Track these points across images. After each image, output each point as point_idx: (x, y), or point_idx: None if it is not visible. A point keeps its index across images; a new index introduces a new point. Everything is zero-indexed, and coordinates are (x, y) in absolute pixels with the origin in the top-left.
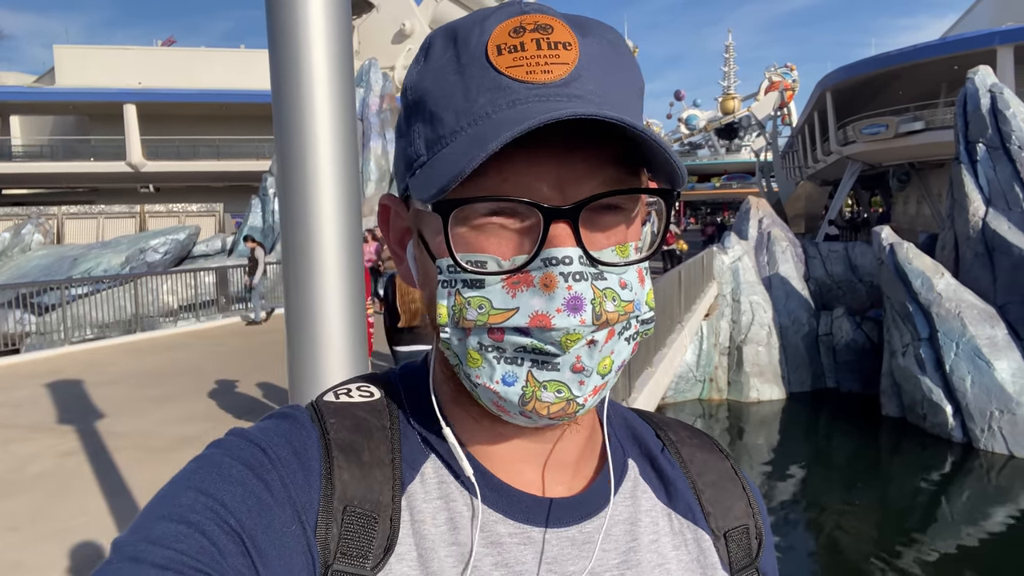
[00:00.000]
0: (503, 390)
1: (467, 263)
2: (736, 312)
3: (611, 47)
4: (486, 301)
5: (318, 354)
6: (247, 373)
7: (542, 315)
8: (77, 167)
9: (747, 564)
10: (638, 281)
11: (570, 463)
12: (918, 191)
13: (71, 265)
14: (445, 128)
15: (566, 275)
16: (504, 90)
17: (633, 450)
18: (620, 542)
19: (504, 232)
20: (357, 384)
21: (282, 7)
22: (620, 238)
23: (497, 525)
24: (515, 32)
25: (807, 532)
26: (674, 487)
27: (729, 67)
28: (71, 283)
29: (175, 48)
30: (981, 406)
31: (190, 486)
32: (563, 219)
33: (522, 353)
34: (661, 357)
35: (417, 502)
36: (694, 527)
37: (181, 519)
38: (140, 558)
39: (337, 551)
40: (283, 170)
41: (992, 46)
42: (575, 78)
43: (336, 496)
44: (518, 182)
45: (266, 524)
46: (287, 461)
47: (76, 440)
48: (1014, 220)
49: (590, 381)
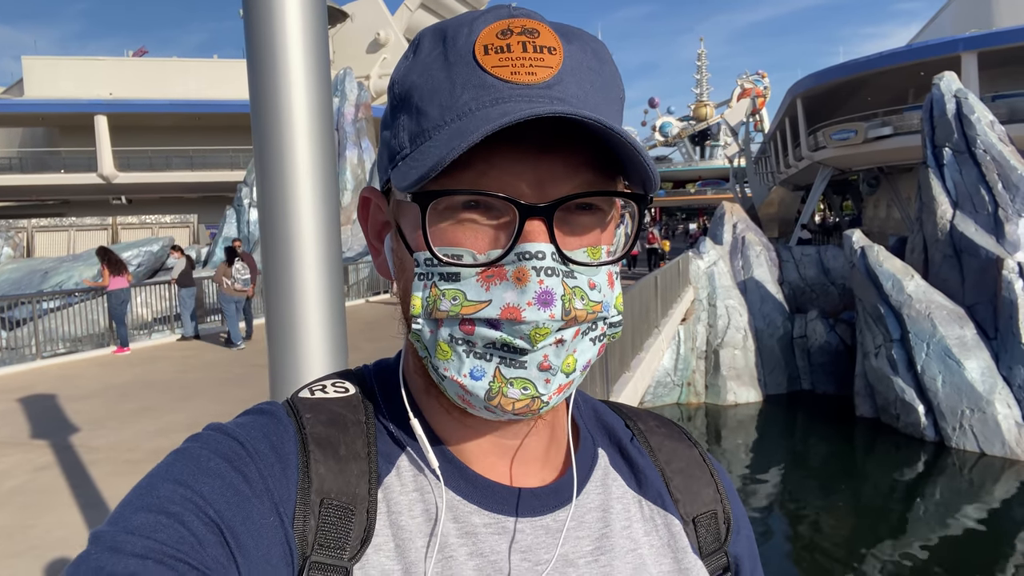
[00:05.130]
0: (470, 384)
1: (443, 256)
2: (712, 316)
3: (594, 56)
4: (460, 293)
5: (299, 360)
6: (223, 384)
7: (513, 307)
8: (47, 179)
9: (716, 548)
10: (607, 284)
11: (540, 454)
12: (887, 195)
13: (42, 279)
14: (429, 122)
15: (538, 270)
16: (488, 88)
17: (603, 440)
18: (593, 529)
19: (480, 227)
20: (332, 380)
21: (260, 19)
22: (593, 240)
23: (472, 516)
24: (502, 34)
25: (784, 532)
26: (644, 475)
27: (702, 75)
28: (42, 297)
29: (147, 59)
30: (952, 405)
31: (168, 478)
32: (538, 216)
33: (491, 349)
34: (639, 361)
35: (394, 494)
36: (664, 513)
37: (160, 510)
38: (119, 548)
39: (315, 542)
40: (262, 180)
41: (957, 52)
42: (558, 81)
43: (313, 489)
44: (497, 178)
45: (244, 515)
46: (264, 454)
47: (50, 454)
48: (981, 222)
49: (555, 379)
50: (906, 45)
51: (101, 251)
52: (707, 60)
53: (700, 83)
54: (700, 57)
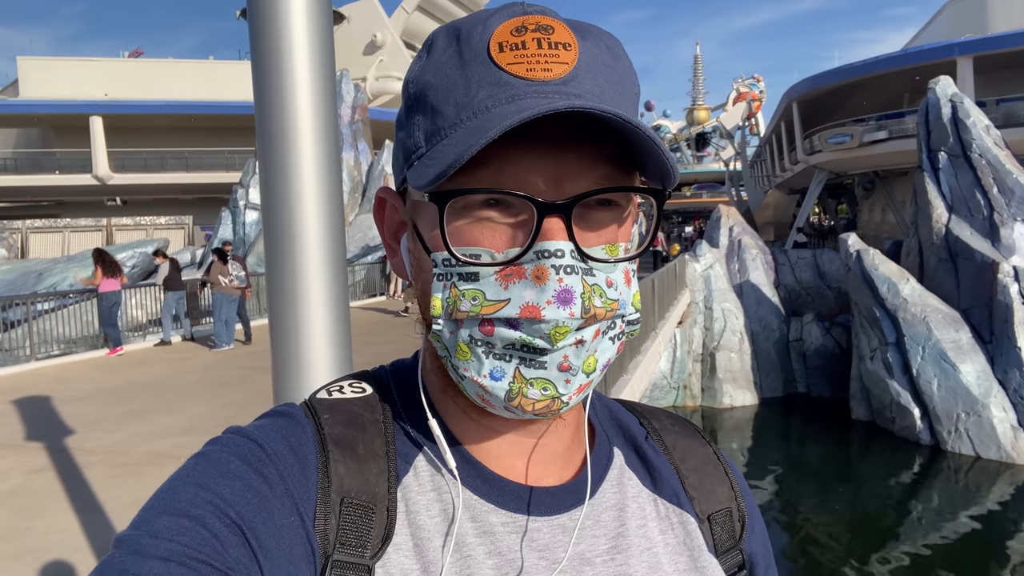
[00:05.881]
0: (490, 384)
1: (462, 255)
2: (709, 319)
3: (609, 52)
4: (480, 293)
5: (302, 362)
6: (218, 387)
7: (533, 306)
8: (42, 180)
9: (731, 546)
10: (624, 281)
11: (559, 454)
12: (883, 199)
13: (36, 280)
14: (445, 120)
15: (557, 268)
16: (504, 85)
17: (618, 439)
18: (609, 528)
19: (498, 226)
20: (349, 381)
21: (265, 20)
22: (610, 237)
23: (489, 515)
24: (517, 31)
25: (780, 535)
26: (659, 473)
27: (698, 78)
28: (36, 298)
29: (142, 60)
30: (948, 408)
31: (190, 482)
32: (557, 214)
33: (511, 350)
34: (636, 364)
35: (412, 494)
36: (680, 511)
37: (182, 513)
38: (143, 551)
39: (336, 541)
40: (266, 181)
41: (952, 57)
42: (573, 77)
43: (333, 488)
44: (514, 176)
45: (265, 516)
46: (284, 456)
47: (45, 457)
48: (976, 226)
49: (576, 380)
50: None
51: (97, 252)
52: (703, 64)
53: (696, 87)
54: (696, 61)
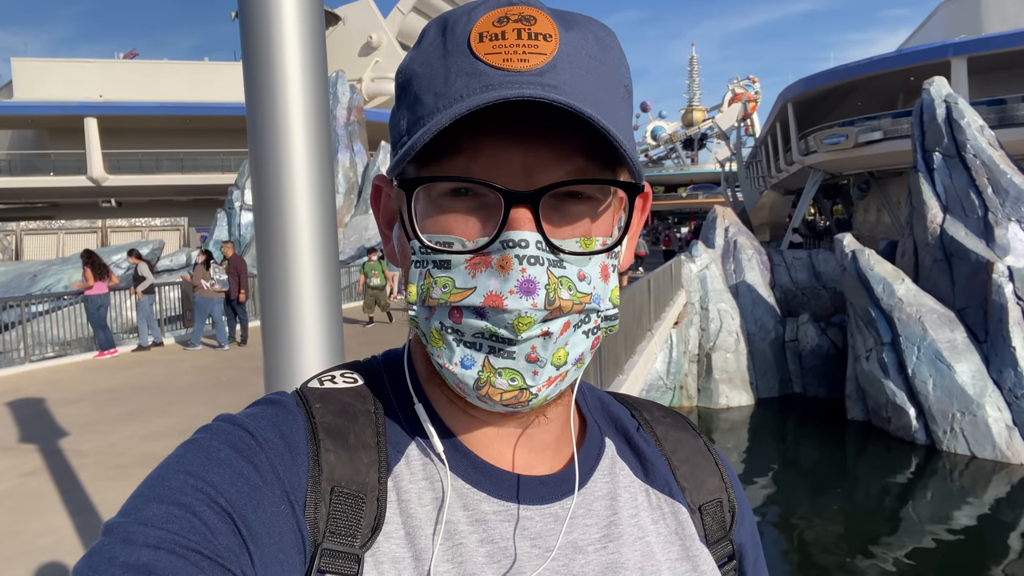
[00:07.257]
0: (460, 372)
1: (434, 243)
2: (704, 320)
3: (596, 42)
4: (450, 280)
5: (294, 363)
6: (212, 388)
7: (496, 295)
8: (36, 182)
9: (722, 536)
10: (600, 276)
11: (548, 444)
12: (878, 199)
13: (31, 282)
14: (424, 109)
15: (521, 258)
16: (480, 75)
17: (610, 430)
18: (601, 516)
19: (469, 215)
20: (341, 371)
21: (256, 21)
22: (585, 230)
23: (481, 503)
24: (499, 22)
25: (775, 535)
26: (650, 464)
27: (693, 79)
28: (31, 300)
29: (137, 61)
30: (943, 408)
31: (179, 469)
32: (524, 203)
33: (480, 338)
34: (632, 365)
35: (403, 483)
36: (671, 501)
37: (171, 500)
38: (132, 539)
39: (326, 530)
40: (258, 182)
41: (946, 57)
42: (550, 68)
43: (323, 477)
44: (485, 165)
45: (255, 504)
46: (274, 443)
47: (39, 459)
48: (971, 226)
49: (544, 372)
50: (896, 50)
51: (86, 254)
52: (698, 65)
53: (692, 88)
54: (691, 62)
